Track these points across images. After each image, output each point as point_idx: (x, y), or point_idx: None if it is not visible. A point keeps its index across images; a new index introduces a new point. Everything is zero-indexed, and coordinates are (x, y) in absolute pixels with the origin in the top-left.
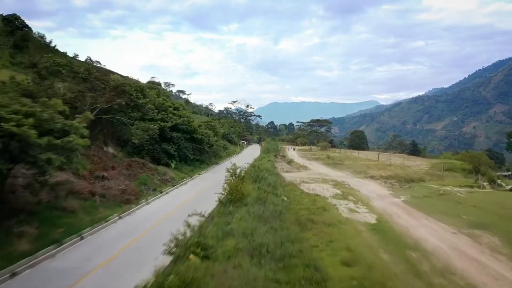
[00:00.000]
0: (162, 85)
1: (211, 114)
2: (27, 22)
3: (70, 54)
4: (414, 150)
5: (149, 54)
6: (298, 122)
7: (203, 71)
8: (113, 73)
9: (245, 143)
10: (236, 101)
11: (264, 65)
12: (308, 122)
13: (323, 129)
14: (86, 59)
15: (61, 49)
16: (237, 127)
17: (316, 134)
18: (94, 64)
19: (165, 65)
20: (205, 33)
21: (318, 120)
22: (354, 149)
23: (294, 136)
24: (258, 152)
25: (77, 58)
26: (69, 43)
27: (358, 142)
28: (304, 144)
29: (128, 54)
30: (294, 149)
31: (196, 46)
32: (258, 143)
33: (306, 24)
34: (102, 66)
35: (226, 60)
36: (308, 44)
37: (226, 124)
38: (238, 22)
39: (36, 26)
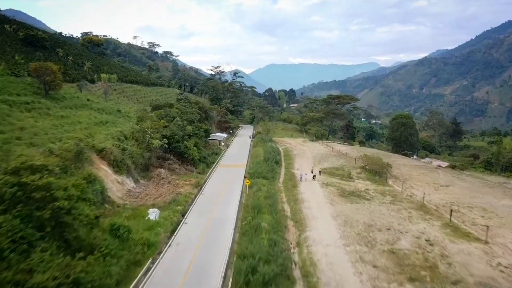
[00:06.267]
0: (146, 45)
1: (187, 85)
2: None
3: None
4: (457, 132)
5: (144, 15)
6: (309, 99)
7: (199, 32)
8: (38, 29)
9: (222, 141)
10: (219, 66)
11: (262, 25)
12: (324, 99)
13: (344, 108)
14: None
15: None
16: (211, 113)
17: (333, 115)
18: (12, 17)
19: (160, 27)
20: None
21: (338, 97)
22: (397, 147)
23: (303, 120)
24: (238, 191)
25: None
26: (62, 3)
27: (404, 133)
28: (320, 137)
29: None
30: (313, 178)
31: (192, 6)
32: (251, 124)
33: None
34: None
35: (223, 21)
36: (307, 3)
37: (178, 117)
38: None
39: None
